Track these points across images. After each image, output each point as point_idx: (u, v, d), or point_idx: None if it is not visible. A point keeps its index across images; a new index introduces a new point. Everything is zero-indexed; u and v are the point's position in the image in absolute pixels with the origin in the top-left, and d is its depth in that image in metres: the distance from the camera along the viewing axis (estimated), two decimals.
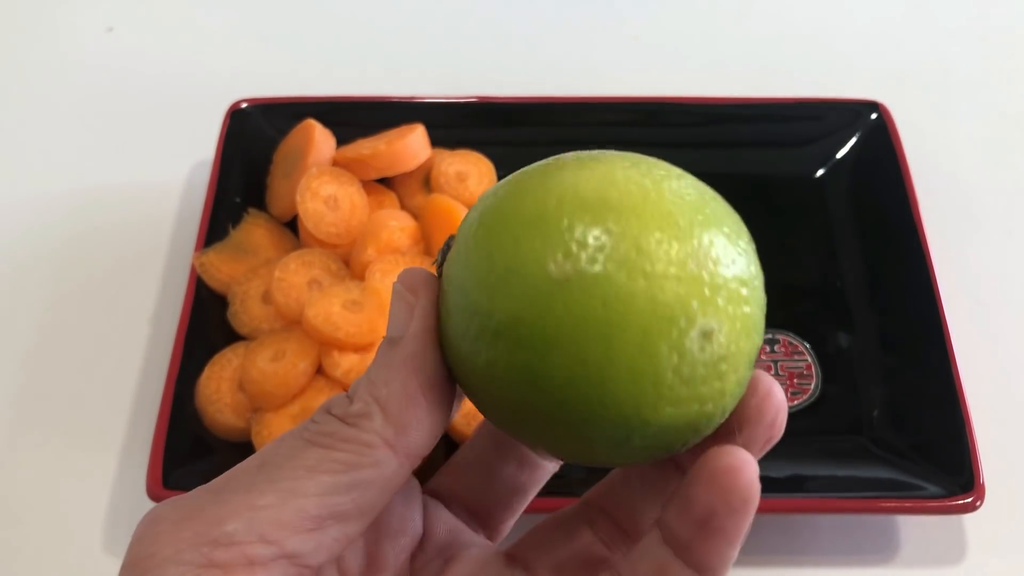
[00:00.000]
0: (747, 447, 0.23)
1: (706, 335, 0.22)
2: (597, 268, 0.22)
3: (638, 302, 0.21)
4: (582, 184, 0.23)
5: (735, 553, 0.23)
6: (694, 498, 0.22)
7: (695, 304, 0.22)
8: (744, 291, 0.23)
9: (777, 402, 0.24)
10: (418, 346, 0.24)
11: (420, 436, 0.24)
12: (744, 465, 0.22)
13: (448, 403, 0.25)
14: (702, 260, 0.22)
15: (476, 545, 0.28)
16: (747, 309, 0.23)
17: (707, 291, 0.22)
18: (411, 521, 0.28)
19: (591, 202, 0.22)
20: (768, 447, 0.24)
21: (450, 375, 0.25)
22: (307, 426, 0.24)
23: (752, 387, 0.24)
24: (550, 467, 0.30)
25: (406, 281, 0.25)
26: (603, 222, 0.22)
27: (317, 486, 0.23)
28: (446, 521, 0.29)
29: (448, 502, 0.29)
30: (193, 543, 0.22)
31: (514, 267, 0.22)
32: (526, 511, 0.31)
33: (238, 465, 0.24)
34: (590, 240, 0.22)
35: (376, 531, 0.27)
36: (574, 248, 0.22)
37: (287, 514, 0.23)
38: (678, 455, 0.25)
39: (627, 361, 0.21)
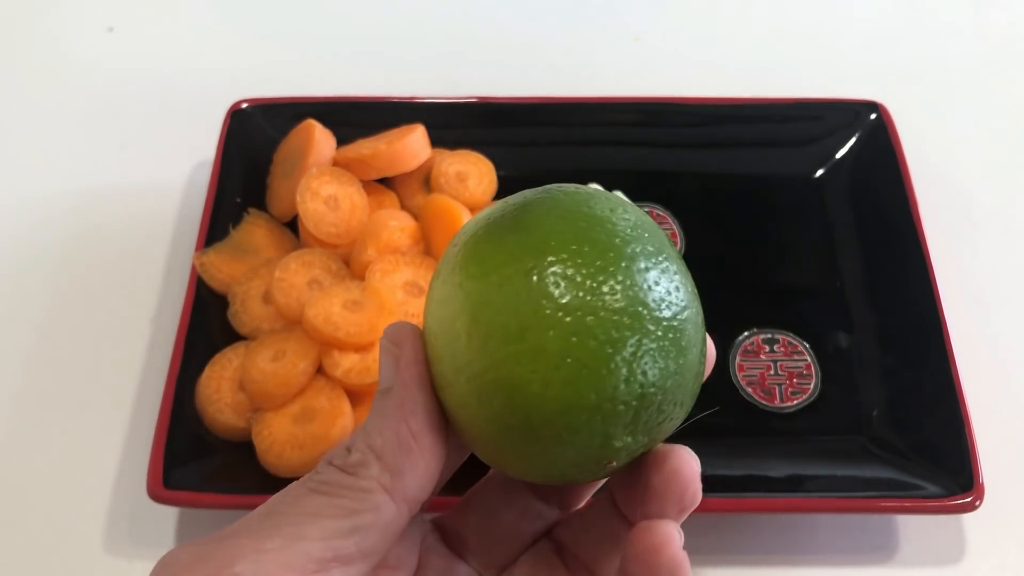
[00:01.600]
0: (664, 514, 0.25)
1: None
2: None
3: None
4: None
5: None
6: (630, 573, 0.25)
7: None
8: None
9: (685, 478, 0.25)
10: (406, 394, 0.26)
11: (416, 480, 0.26)
12: (666, 541, 0.24)
13: (442, 446, 0.26)
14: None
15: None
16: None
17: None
18: (407, 556, 0.29)
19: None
20: (684, 516, 0.26)
21: (444, 419, 0.26)
22: (311, 476, 0.26)
23: (659, 461, 0.25)
24: (552, 517, 0.31)
25: (391, 335, 0.27)
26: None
27: (320, 530, 0.24)
28: (442, 555, 0.30)
29: (449, 536, 0.31)
30: None
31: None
32: None
33: (247, 515, 0.25)
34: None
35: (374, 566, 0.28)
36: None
37: (292, 556, 0.24)
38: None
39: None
